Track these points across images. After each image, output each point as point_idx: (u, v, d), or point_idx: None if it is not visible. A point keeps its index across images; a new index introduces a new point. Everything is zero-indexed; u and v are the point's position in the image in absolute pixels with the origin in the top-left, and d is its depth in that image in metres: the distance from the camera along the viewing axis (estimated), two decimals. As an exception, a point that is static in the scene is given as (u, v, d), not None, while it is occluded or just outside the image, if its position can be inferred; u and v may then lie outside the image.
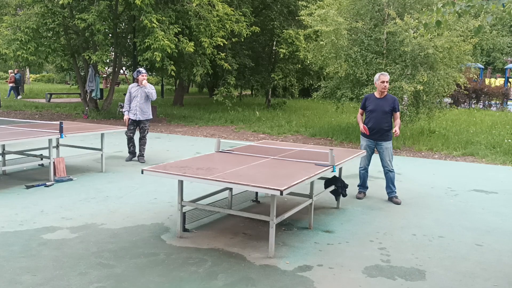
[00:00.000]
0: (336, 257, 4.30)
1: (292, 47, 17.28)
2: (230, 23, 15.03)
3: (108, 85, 21.02)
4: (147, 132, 8.64)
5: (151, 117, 8.62)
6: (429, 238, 4.88)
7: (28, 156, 7.63)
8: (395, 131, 6.06)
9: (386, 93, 6.26)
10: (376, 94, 6.31)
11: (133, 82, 8.79)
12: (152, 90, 8.40)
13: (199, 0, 13.93)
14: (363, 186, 6.58)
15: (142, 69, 8.49)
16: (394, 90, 10.38)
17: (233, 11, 15.27)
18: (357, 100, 11.64)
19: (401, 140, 11.57)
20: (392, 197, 6.32)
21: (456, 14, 3.46)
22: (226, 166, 4.70)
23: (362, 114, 6.44)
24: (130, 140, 8.59)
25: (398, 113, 6.23)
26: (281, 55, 17.59)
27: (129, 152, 8.68)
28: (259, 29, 16.78)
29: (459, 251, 4.53)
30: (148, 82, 8.60)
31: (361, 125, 6.25)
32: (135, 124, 8.51)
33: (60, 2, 13.16)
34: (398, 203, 6.20)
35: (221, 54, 15.56)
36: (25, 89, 28.93)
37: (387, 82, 6.09)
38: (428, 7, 10.69)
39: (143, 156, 8.61)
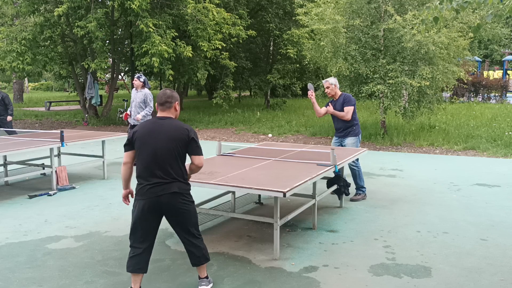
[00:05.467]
0: (341, 256, 4.30)
1: (297, 47, 17.23)
2: (227, 27, 15.05)
3: (108, 91, 21.03)
4: None
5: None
6: (434, 235, 4.88)
7: (30, 166, 7.64)
8: (328, 108, 6.43)
9: (339, 94, 6.48)
10: (333, 98, 6.56)
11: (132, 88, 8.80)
12: (146, 112, 8.26)
13: (194, 6, 13.95)
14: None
15: (139, 74, 8.48)
16: (397, 85, 10.39)
17: (229, 15, 15.27)
18: (356, 98, 11.64)
19: (402, 136, 11.58)
20: (355, 194, 6.38)
21: (454, 10, 3.46)
22: (228, 170, 4.71)
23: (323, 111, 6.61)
24: None
25: (346, 107, 6.34)
26: (291, 55, 17.50)
27: None
28: (255, 32, 16.79)
29: (464, 247, 4.53)
30: (146, 86, 8.49)
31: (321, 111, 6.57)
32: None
33: (55, 14, 13.17)
34: (355, 200, 6.26)
35: (224, 53, 15.59)
36: (24, 98, 28.97)
37: (327, 88, 6.48)
38: (425, 4, 10.70)
39: None
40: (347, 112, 6.30)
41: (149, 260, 3.44)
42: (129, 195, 3.66)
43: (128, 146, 3.47)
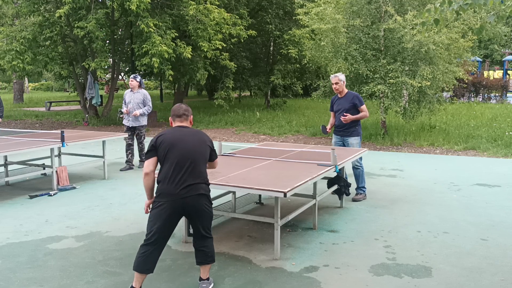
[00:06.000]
0: (342, 256, 4.30)
1: (298, 47, 17.21)
2: (227, 27, 15.04)
3: (108, 91, 21.06)
4: (144, 138, 8.42)
5: (145, 123, 8.36)
6: (434, 235, 4.89)
7: (31, 166, 7.64)
8: (346, 116, 6.25)
9: (345, 91, 6.42)
10: (338, 95, 6.49)
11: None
12: (145, 111, 8.25)
13: (195, 7, 13.95)
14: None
15: (134, 75, 8.40)
16: (397, 85, 10.39)
17: (230, 15, 15.26)
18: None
19: (402, 136, 11.59)
20: (356, 193, 6.39)
21: (454, 12, 3.47)
22: (228, 170, 4.71)
23: (333, 117, 6.58)
24: (129, 147, 8.46)
25: (362, 107, 6.31)
26: (293, 55, 17.46)
27: (125, 161, 8.51)
28: (255, 32, 16.79)
29: (465, 247, 4.53)
30: (142, 87, 8.43)
31: (329, 126, 6.58)
32: (132, 131, 8.42)
33: (57, 15, 13.17)
34: (356, 200, 6.27)
35: (224, 54, 15.59)
36: (25, 98, 28.99)
37: (335, 83, 6.34)
38: (425, 5, 10.71)
39: (143, 162, 8.50)
40: (366, 111, 6.32)
41: (157, 261, 3.44)
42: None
43: (152, 152, 3.48)
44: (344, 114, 6.26)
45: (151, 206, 3.59)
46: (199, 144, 3.51)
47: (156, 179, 3.50)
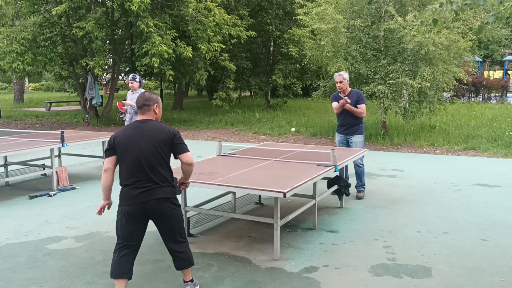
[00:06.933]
0: (342, 257, 4.30)
1: (298, 46, 17.20)
2: (227, 28, 15.03)
3: (108, 92, 21.05)
4: None
5: None
6: (434, 235, 4.88)
7: (31, 166, 7.64)
8: (346, 100, 6.15)
9: (349, 90, 6.41)
10: (341, 93, 6.48)
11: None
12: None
13: (195, 5, 13.94)
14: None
15: (133, 75, 8.37)
16: (397, 86, 10.39)
17: (230, 17, 15.25)
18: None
19: (402, 136, 11.58)
20: (358, 191, 6.44)
21: (453, 12, 3.46)
22: (228, 170, 4.71)
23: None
24: None
25: (362, 105, 6.31)
26: (293, 53, 17.44)
27: None
28: (255, 33, 16.78)
29: (465, 247, 4.53)
30: (146, 87, 8.44)
31: (340, 104, 6.31)
32: None
33: (54, 13, 13.15)
34: (360, 198, 6.33)
35: (224, 55, 15.58)
36: (25, 99, 28.99)
37: (339, 82, 6.31)
38: (425, 5, 10.71)
39: None
40: (364, 110, 6.31)
41: (133, 265, 3.36)
42: (106, 207, 3.50)
43: (110, 151, 3.29)
44: (347, 99, 6.18)
45: (106, 208, 3.46)
46: (152, 145, 3.23)
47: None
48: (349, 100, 6.19)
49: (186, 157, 3.35)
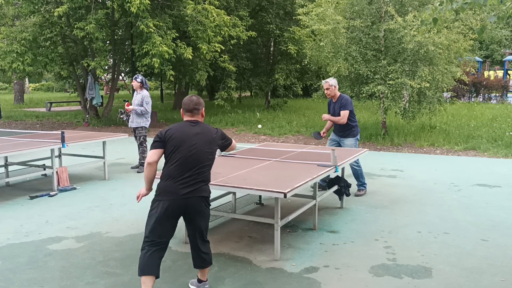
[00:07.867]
0: (342, 257, 4.30)
1: (298, 45, 17.18)
2: (227, 29, 15.03)
3: (109, 92, 21.05)
4: (143, 139, 8.24)
5: (143, 125, 8.19)
6: (434, 235, 4.89)
7: (31, 167, 7.65)
8: (323, 117, 6.64)
9: (338, 95, 6.53)
10: (332, 99, 6.62)
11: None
12: (138, 109, 8.10)
13: (193, 6, 13.94)
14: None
15: (136, 75, 8.36)
16: (397, 86, 10.39)
17: (229, 18, 15.24)
18: (357, 98, 11.65)
19: (402, 136, 11.58)
20: (358, 190, 6.57)
21: (453, 11, 3.47)
22: (229, 170, 4.71)
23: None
24: (138, 148, 8.41)
25: (342, 111, 6.40)
26: (292, 52, 17.42)
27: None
28: (255, 33, 16.77)
29: (465, 247, 4.53)
30: (144, 87, 8.37)
31: (324, 130, 6.84)
32: (134, 132, 8.38)
33: (55, 14, 13.16)
34: (359, 195, 6.46)
35: (224, 56, 15.58)
36: (25, 99, 28.99)
37: (326, 89, 6.52)
38: (425, 5, 10.70)
39: (142, 166, 8.25)
40: (343, 116, 6.40)
41: (160, 263, 3.37)
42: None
43: (159, 143, 3.34)
44: (324, 116, 6.61)
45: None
46: (208, 146, 3.40)
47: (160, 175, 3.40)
48: (326, 116, 6.57)
49: (234, 146, 3.82)
